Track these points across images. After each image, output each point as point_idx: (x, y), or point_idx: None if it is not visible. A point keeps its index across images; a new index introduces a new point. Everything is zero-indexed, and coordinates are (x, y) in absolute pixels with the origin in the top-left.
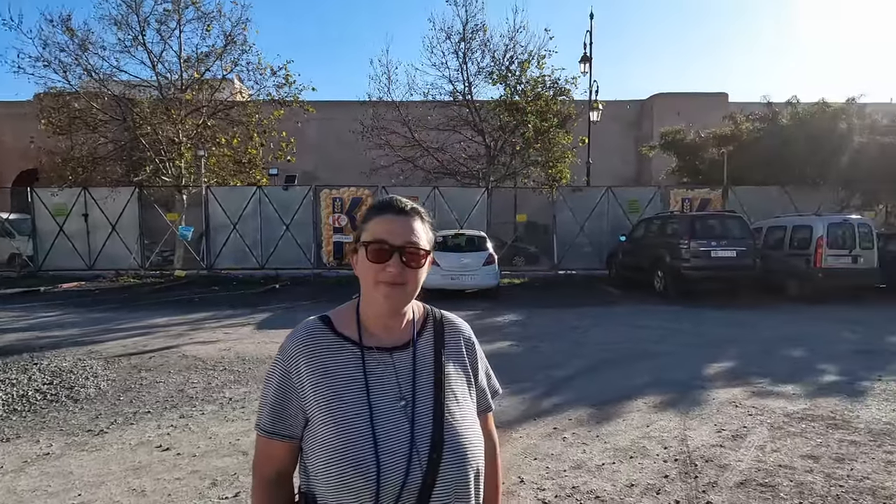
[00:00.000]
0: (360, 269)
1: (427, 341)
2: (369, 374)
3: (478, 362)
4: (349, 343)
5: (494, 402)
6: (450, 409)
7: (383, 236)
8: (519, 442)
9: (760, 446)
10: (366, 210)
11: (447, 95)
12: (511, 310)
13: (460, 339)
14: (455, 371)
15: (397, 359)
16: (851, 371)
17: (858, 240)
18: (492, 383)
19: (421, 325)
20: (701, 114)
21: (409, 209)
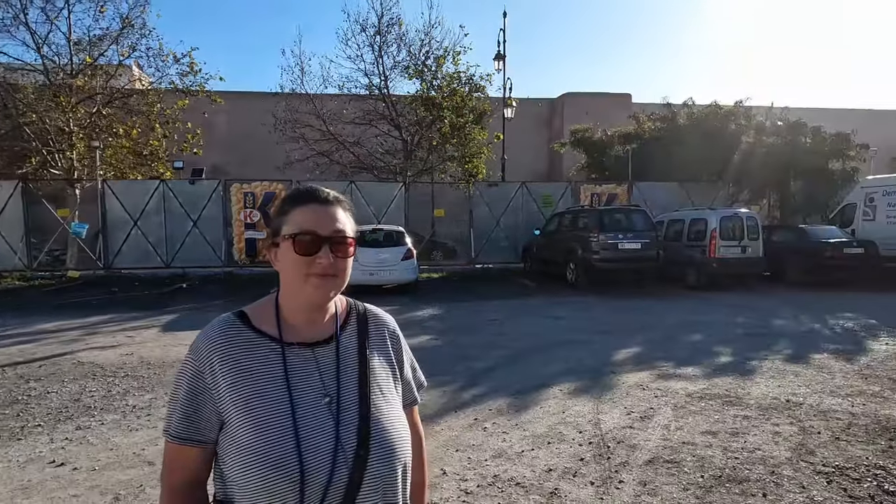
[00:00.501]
0: (285, 263)
1: (351, 335)
2: (291, 371)
3: (403, 355)
4: (268, 339)
5: (420, 394)
6: (376, 404)
7: (311, 227)
8: (441, 434)
9: (666, 425)
10: (281, 201)
11: (363, 89)
12: (430, 304)
13: (385, 333)
14: (380, 365)
15: (320, 354)
16: (742, 352)
17: (746, 232)
18: (417, 376)
19: (344, 318)
20: (607, 113)
21: (332, 198)
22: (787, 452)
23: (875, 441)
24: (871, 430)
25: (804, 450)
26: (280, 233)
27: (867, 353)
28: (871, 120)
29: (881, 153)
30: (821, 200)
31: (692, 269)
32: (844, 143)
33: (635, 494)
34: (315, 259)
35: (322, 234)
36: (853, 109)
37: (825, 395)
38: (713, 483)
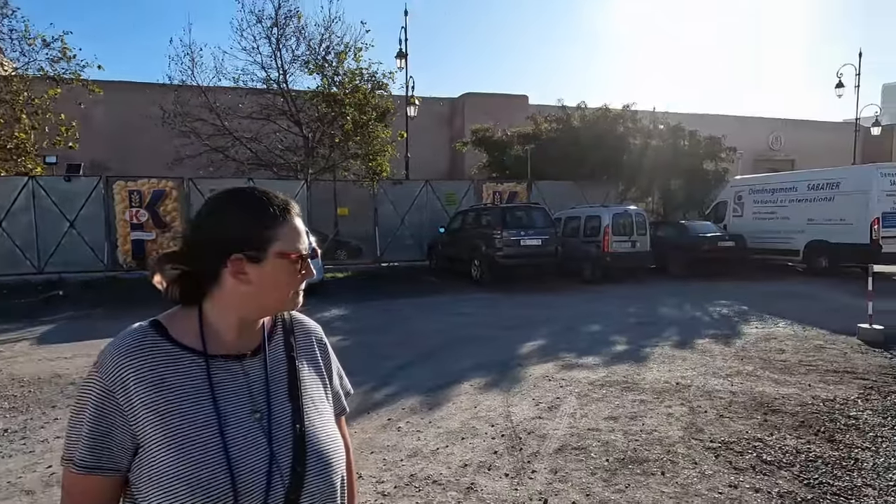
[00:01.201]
0: (273, 279)
1: (278, 346)
2: (217, 386)
3: (331, 363)
4: (189, 352)
5: (346, 402)
6: (309, 417)
7: (302, 245)
8: (354, 437)
9: (572, 414)
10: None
11: (260, 83)
12: (337, 304)
13: (312, 341)
14: (310, 375)
15: (247, 367)
16: (636, 340)
17: (636, 227)
18: (344, 384)
19: (270, 328)
20: (506, 113)
21: (295, 209)
22: (679, 432)
23: (753, 416)
24: (749, 407)
25: (694, 428)
26: (266, 248)
27: (741, 337)
28: (736, 125)
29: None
30: (697, 198)
31: (588, 264)
32: (716, 146)
33: (547, 482)
34: (301, 278)
35: (307, 251)
36: (722, 115)
37: (709, 376)
38: (617, 466)
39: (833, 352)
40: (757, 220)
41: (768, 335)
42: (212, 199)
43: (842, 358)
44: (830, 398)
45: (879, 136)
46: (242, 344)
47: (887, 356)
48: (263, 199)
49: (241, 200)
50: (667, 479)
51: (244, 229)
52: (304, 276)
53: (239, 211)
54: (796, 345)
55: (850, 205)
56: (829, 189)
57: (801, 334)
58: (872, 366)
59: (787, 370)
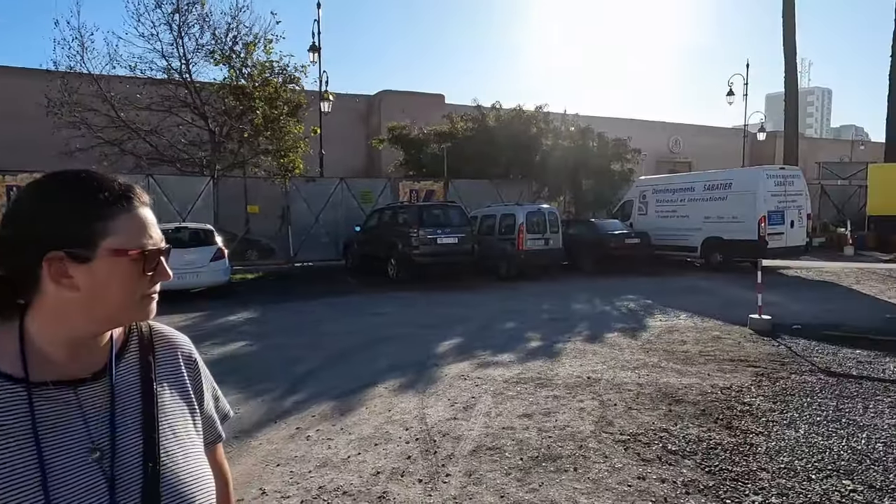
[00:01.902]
0: (109, 283)
1: (130, 365)
2: (41, 423)
3: (202, 384)
4: (5, 380)
5: (225, 426)
6: (168, 452)
7: (152, 238)
8: (258, 450)
9: (487, 413)
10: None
11: (160, 72)
12: (245, 307)
13: (178, 357)
14: (172, 399)
15: (86, 395)
16: (549, 336)
17: (548, 225)
18: (221, 406)
19: (121, 344)
20: (422, 112)
21: (146, 199)
22: (591, 426)
23: (658, 407)
24: (655, 398)
25: (604, 422)
26: (95, 244)
27: (647, 330)
28: (640, 129)
29: (649, 157)
30: (606, 197)
31: (504, 261)
32: (623, 148)
33: (461, 486)
34: (155, 277)
35: (161, 246)
36: (627, 119)
37: (618, 369)
38: (531, 464)
39: (728, 342)
40: (660, 218)
41: (671, 328)
42: (30, 184)
43: (736, 347)
44: (727, 386)
45: (764, 140)
46: (80, 366)
47: (775, 344)
48: (93, 183)
49: (64, 185)
50: (579, 474)
51: (65, 221)
52: (156, 277)
53: (60, 198)
54: (696, 336)
55: (741, 204)
56: (722, 189)
57: (700, 326)
58: (763, 354)
59: (689, 361)
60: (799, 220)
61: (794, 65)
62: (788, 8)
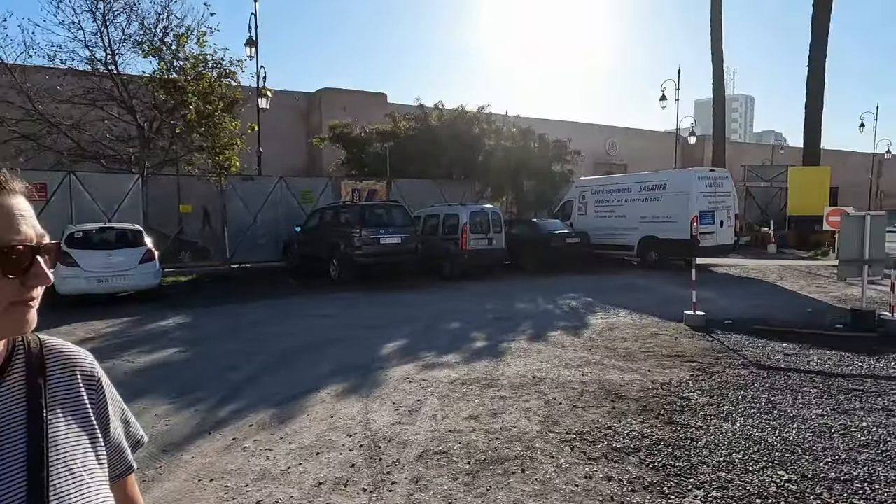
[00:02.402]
0: None
1: (13, 389)
2: None
3: (108, 408)
4: None
5: (137, 454)
6: (59, 494)
7: (17, 234)
8: (190, 465)
9: (433, 416)
10: None
11: (83, 63)
12: (177, 311)
13: (76, 378)
14: (69, 428)
15: None
16: (494, 336)
17: (492, 225)
18: (131, 432)
19: (3, 362)
20: (364, 110)
21: (17, 186)
22: (537, 426)
23: (602, 404)
24: (598, 395)
25: (550, 421)
26: None
27: (588, 327)
28: (577, 131)
29: (587, 159)
30: (547, 197)
31: (447, 261)
32: (563, 149)
33: (408, 494)
34: (25, 280)
35: (31, 241)
36: (565, 121)
37: (562, 367)
38: (479, 467)
39: (666, 338)
40: (598, 217)
41: (611, 325)
42: None
43: (673, 343)
44: (667, 381)
45: (694, 144)
46: None
47: (709, 339)
48: None
49: None
50: (527, 476)
51: None
52: (28, 281)
53: None
54: (636, 333)
55: (674, 204)
56: (657, 190)
57: (639, 322)
58: (698, 349)
59: (630, 357)
60: (728, 219)
61: (721, 72)
62: (716, 19)
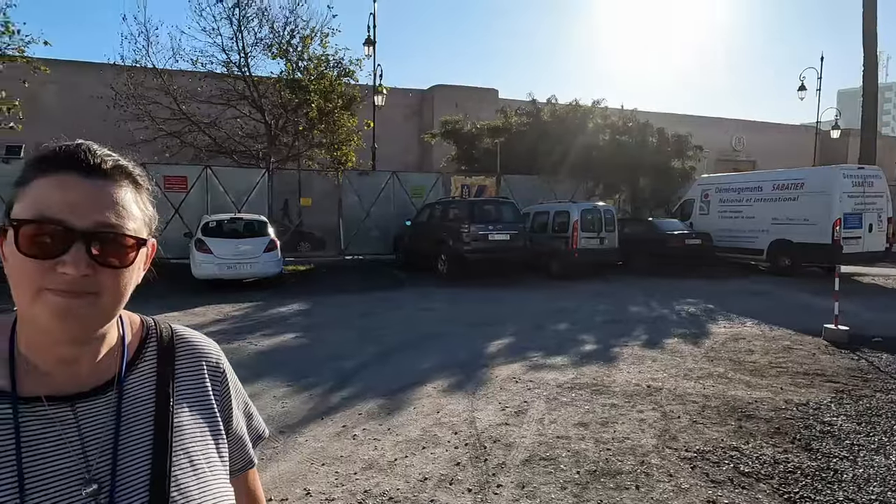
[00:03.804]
0: (9, 267)
1: (145, 377)
2: (27, 447)
3: (231, 400)
4: None
5: (258, 450)
6: (181, 486)
7: (56, 213)
8: (305, 447)
9: (540, 419)
10: (26, 163)
11: (220, 66)
12: (296, 298)
13: (203, 368)
14: (193, 420)
15: (85, 413)
16: (605, 339)
17: (604, 224)
18: (253, 425)
19: (135, 350)
20: (475, 106)
21: (110, 167)
22: (653, 440)
23: (727, 422)
24: (723, 412)
25: (668, 436)
26: (7, 213)
27: (710, 336)
28: (700, 126)
29: (710, 155)
30: (665, 196)
31: (556, 260)
32: (684, 145)
33: (513, 499)
34: (56, 265)
35: (75, 224)
36: (687, 115)
37: (680, 378)
38: (589, 478)
39: (801, 353)
40: (723, 218)
41: (736, 335)
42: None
43: (810, 359)
44: (803, 402)
45: (837, 139)
46: (79, 378)
47: (854, 357)
48: (57, 150)
49: (35, 154)
50: (641, 494)
51: (15, 189)
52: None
53: (24, 166)
54: (765, 345)
55: (814, 205)
56: (793, 189)
57: (769, 334)
58: (841, 368)
59: (758, 372)
60: (879, 223)
61: (874, 57)
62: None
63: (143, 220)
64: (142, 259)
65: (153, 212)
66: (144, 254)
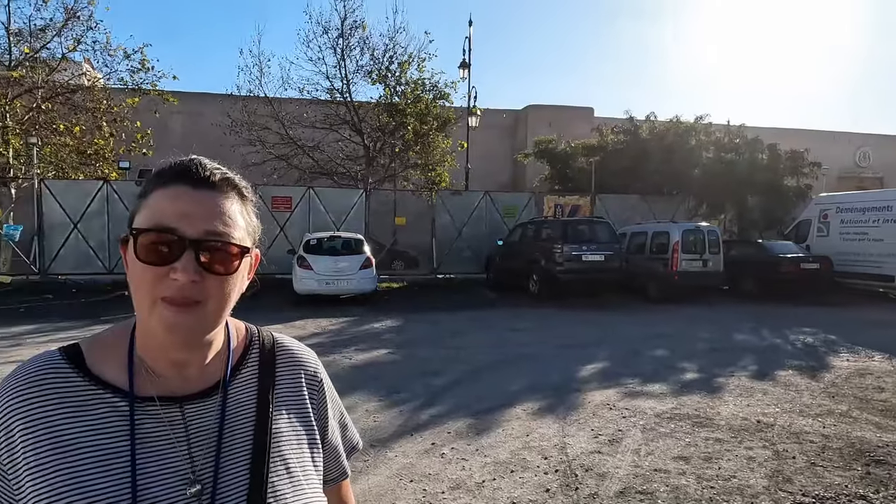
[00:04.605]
0: (130, 274)
1: (247, 383)
2: (140, 444)
3: (328, 410)
4: (108, 391)
5: (352, 460)
6: (277, 492)
7: (169, 221)
8: (394, 462)
9: (636, 450)
10: (146, 178)
11: (324, 93)
12: (389, 315)
13: (301, 377)
14: (290, 427)
15: (192, 414)
16: (708, 368)
17: (708, 245)
18: (348, 436)
19: (239, 356)
20: (570, 125)
21: (218, 179)
22: (763, 480)
23: (851, 466)
24: (847, 455)
25: (781, 477)
26: (130, 224)
27: (831, 370)
28: (820, 140)
29: (830, 172)
30: (776, 216)
31: (654, 282)
32: (799, 161)
33: None
34: (169, 272)
35: (186, 233)
36: (804, 130)
37: (795, 414)
38: None
39: None
40: (845, 240)
41: (862, 370)
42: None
43: None
44: None
45: None
46: (189, 380)
47: None
48: (172, 164)
49: (157, 169)
50: None
51: (137, 201)
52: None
53: (147, 180)
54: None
55: None
56: None
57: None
58: None
59: (890, 413)
60: None
61: None
62: None
63: (246, 230)
64: (245, 268)
65: (257, 223)
66: (248, 263)
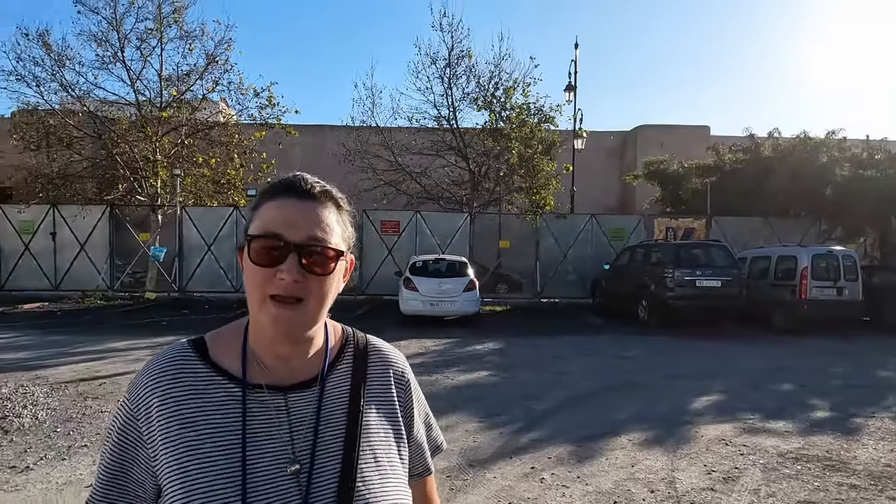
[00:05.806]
0: (246, 275)
1: (342, 377)
2: (250, 424)
3: (413, 408)
4: (225, 378)
5: (436, 460)
6: (365, 477)
7: (277, 228)
8: (492, 483)
9: (755, 490)
10: (258, 193)
11: (432, 120)
12: (491, 338)
13: (390, 375)
14: (378, 421)
15: (295, 402)
16: (843, 407)
17: (843, 272)
18: (433, 436)
19: (336, 353)
20: (683, 145)
21: (318, 192)
22: None
23: None
24: None
25: None
26: (246, 233)
27: None
28: None
29: None
30: None
31: (779, 311)
32: None
33: None
34: (276, 273)
35: (291, 238)
36: None
37: None
38: None
39: None
40: None
41: None
42: None
43: None
44: None
45: None
46: (293, 372)
47: None
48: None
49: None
50: None
51: (251, 212)
52: (277, 275)
53: (258, 195)
54: None
55: None
56: None
57: None
58: None
59: None
60: None
61: None
62: None
63: (342, 236)
64: (341, 270)
65: (352, 231)
66: (343, 266)
